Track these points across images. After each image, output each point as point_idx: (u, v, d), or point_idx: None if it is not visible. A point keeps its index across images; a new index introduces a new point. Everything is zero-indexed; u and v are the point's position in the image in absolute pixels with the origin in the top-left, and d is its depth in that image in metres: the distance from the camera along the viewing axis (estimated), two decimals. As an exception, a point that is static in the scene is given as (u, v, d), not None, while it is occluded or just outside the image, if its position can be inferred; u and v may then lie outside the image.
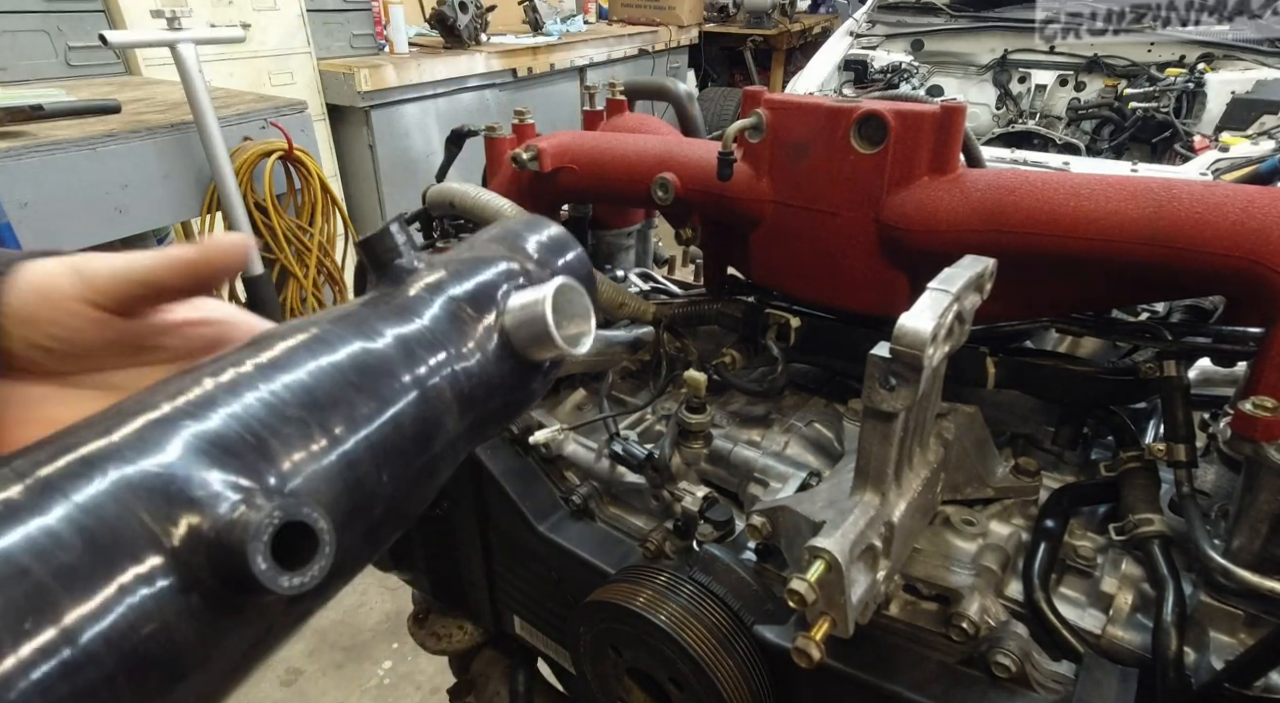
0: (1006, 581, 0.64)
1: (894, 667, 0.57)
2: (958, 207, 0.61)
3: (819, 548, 0.49)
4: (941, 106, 0.61)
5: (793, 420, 0.78)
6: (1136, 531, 0.61)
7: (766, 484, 0.73)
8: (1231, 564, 0.53)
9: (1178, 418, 0.62)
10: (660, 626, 0.61)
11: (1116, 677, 0.52)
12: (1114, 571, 0.62)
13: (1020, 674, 0.54)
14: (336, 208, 2.69)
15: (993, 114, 3.07)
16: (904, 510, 0.57)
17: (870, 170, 0.64)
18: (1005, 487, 0.71)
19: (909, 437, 0.56)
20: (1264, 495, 0.52)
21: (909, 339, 0.46)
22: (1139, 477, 0.65)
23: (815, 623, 0.50)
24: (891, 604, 0.63)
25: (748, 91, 0.71)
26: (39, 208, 1.80)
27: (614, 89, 0.99)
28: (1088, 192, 0.58)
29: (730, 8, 5.59)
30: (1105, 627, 0.59)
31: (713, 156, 0.73)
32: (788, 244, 0.73)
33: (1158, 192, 0.56)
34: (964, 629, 0.57)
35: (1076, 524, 0.67)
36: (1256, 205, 0.53)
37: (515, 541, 0.85)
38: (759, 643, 0.62)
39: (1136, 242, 0.56)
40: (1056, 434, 0.74)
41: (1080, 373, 0.69)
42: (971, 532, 0.67)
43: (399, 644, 2.21)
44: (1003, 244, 0.60)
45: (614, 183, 0.83)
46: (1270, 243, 0.51)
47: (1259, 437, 0.52)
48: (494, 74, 3.60)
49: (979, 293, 0.57)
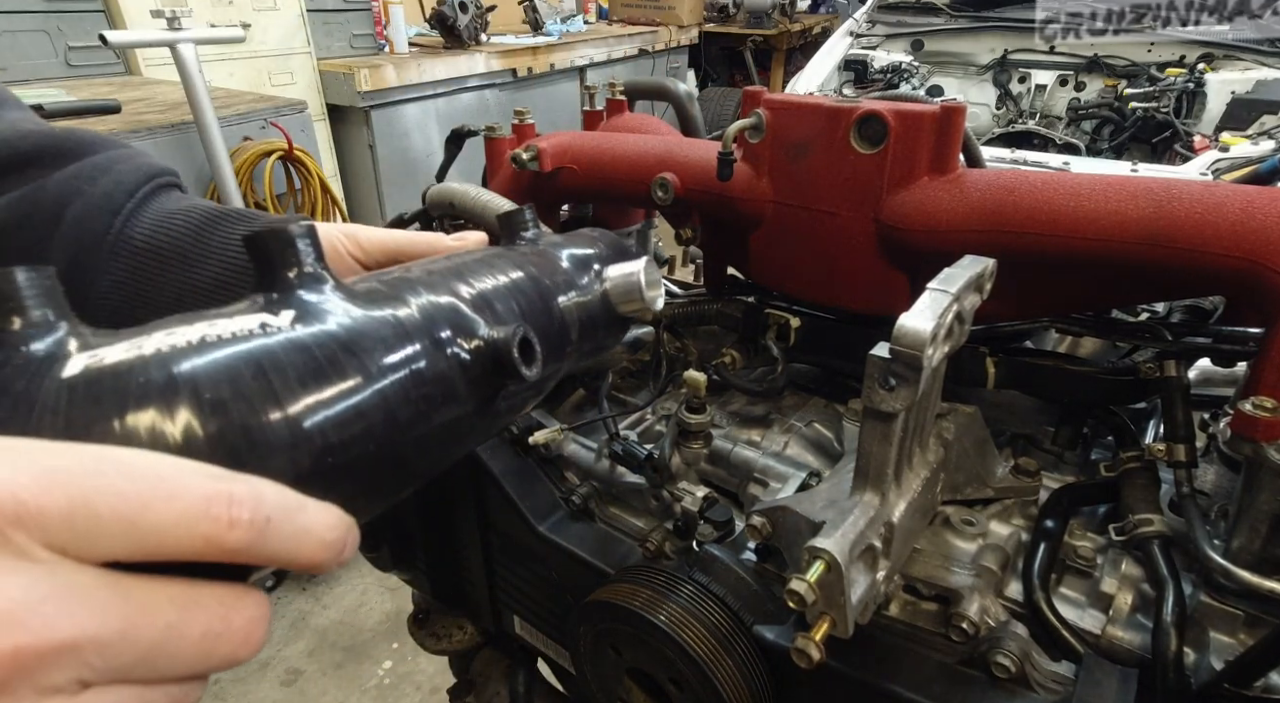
0: (1006, 581, 0.64)
1: (893, 667, 0.57)
2: (957, 206, 0.61)
3: (818, 548, 0.49)
4: (941, 106, 0.61)
5: (793, 420, 0.78)
6: (1136, 531, 0.61)
7: (766, 484, 0.73)
8: (1231, 565, 0.53)
9: (1177, 418, 0.62)
10: (659, 625, 0.61)
11: (1116, 677, 0.52)
12: (1114, 571, 0.62)
13: (1020, 675, 0.54)
14: (336, 208, 2.69)
15: (993, 114, 3.07)
16: (904, 511, 0.57)
17: (870, 170, 0.64)
18: (1005, 487, 0.71)
19: (909, 437, 0.56)
20: (1264, 496, 0.52)
21: (909, 339, 0.46)
22: (1139, 477, 0.65)
23: (815, 624, 0.50)
24: (891, 605, 0.63)
25: (747, 91, 0.71)
26: None
27: (614, 89, 0.99)
28: (1087, 192, 0.58)
29: (730, 8, 5.60)
30: (1105, 627, 0.59)
31: (712, 156, 0.73)
32: (788, 244, 0.73)
33: (1157, 192, 0.56)
34: (964, 630, 0.57)
35: (1076, 524, 0.67)
36: (1256, 206, 0.53)
37: (515, 540, 0.85)
38: (759, 643, 0.62)
39: (1136, 241, 0.56)
40: (1056, 434, 0.74)
41: (1080, 373, 0.69)
42: (971, 532, 0.67)
43: (399, 644, 2.21)
44: (1003, 244, 0.60)
45: (614, 183, 0.83)
46: (1270, 243, 0.51)
47: (1259, 437, 0.52)
48: (494, 74, 3.61)
49: (979, 293, 0.57)
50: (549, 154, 0.83)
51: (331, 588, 2.44)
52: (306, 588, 2.45)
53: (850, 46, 3.22)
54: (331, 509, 0.28)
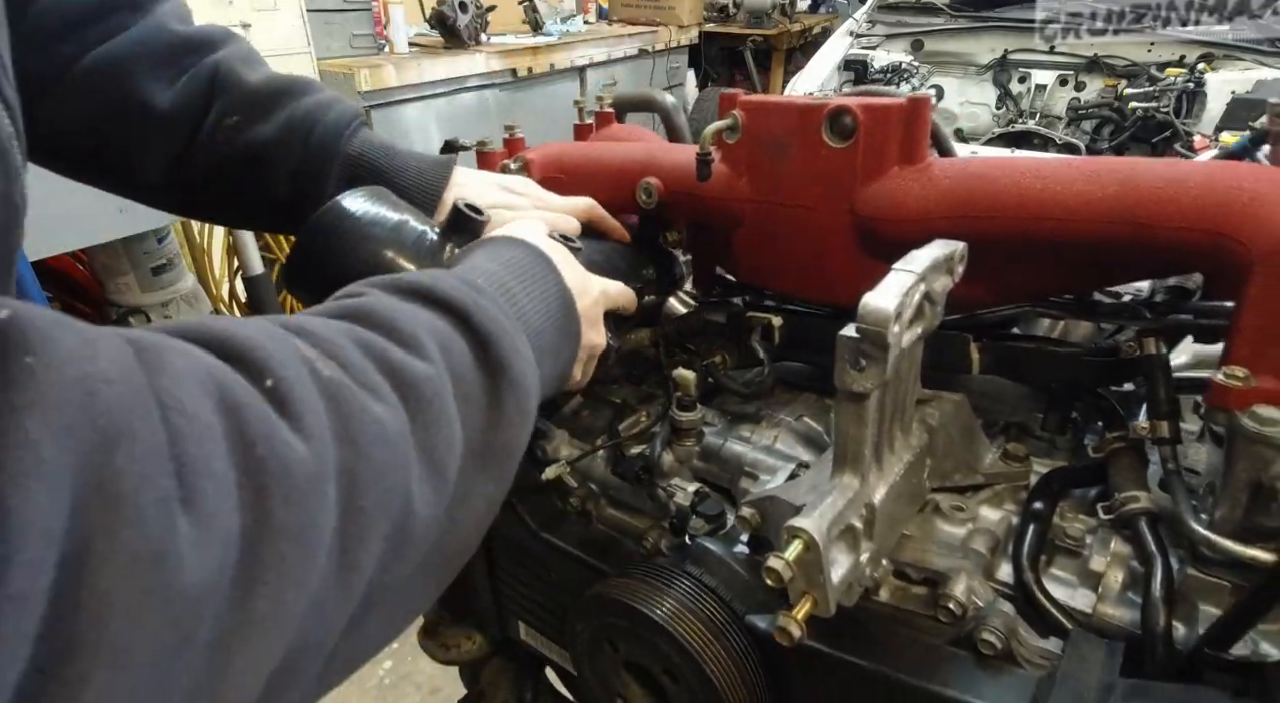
0: (997, 564, 0.65)
1: (883, 650, 0.58)
2: (928, 195, 0.63)
3: (795, 527, 0.50)
4: (908, 98, 0.63)
5: (782, 415, 0.79)
6: (1123, 508, 0.61)
7: (757, 477, 0.74)
8: (1215, 535, 0.54)
9: (1160, 395, 0.63)
10: (650, 617, 0.62)
11: (1103, 649, 0.52)
12: (1103, 549, 0.62)
13: (1006, 651, 0.54)
14: None
15: (993, 114, 3.07)
16: (886, 493, 0.58)
17: (843, 164, 0.66)
18: (995, 472, 0.71)
19: (886, 418, 0.57)
20: (1241, 464, 0.52)
21: (873, 317, 0.48)
22: (1125, 456, 0.65)
23: (797, 603, 0.51)
24: (882, 590, 0.64)
25: (724, 95, 0.73)
26: (40, 207, 1.79)
27: (602, 102, 1.02)
28: (1054, 175, 0.59)
29: (730, 8, 5.55)
30: (1096, 605, 0.59)
31: (694, 160, 0.75)
32: (769, 242, 0.75)
33: (1122, 171, 0.57)
34: (950, 610, 0.57)
35: (1067, 507, 0.67)
36: (1218, 180, 0.53)
37: (516, 545, 0.86)
38: (752, 633, 0.63)
39: (1103, 220, 0.57)
40: (1045, 420, 0.75)
41: (1063, 355, 0.70)
42: (961, 517, 0.68)
43: (399, 644, 2.21)
44: (973, 229, 0.61)
45: (601, 191, 0.85)
46: (1232, 215, 0.52)
47: (1232, 405, 0.52)
48: (494, 74, 3.57)
49: (949, 276, 0.58)
50: (537, 165, 0.86)
51: (332, 588, 2.43)
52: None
53: (850, 46, 3.22)
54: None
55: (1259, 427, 0.50)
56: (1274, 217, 0.50)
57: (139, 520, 0.24)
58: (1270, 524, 0.51)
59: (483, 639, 1.07)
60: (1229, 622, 0.46)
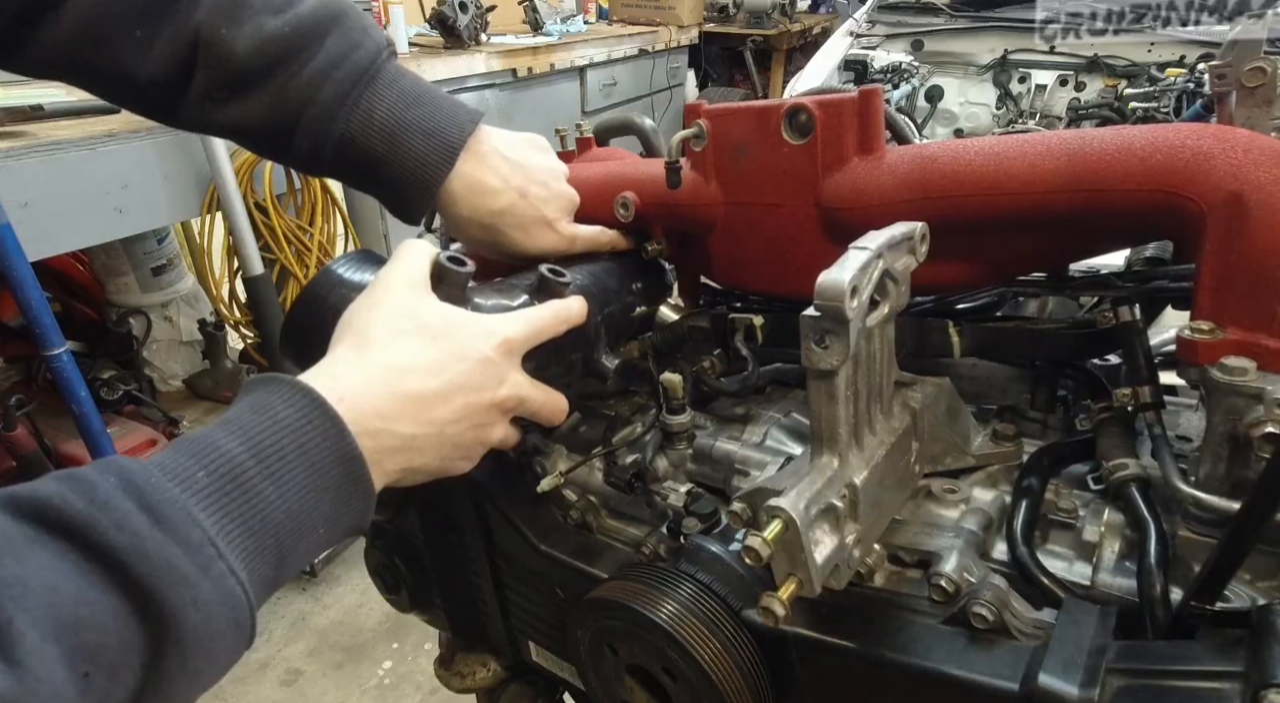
0: (992, 542, 0.64)
1: (877, 633, 0.57)
2: (886, 181, 0.64)
3: (773, 507, 0.50)
4: (859, 91, 0.65)
5: (771, 412, 0.80)
6: (1113, 476, 0.61)
7: (748, 474, 0.74)
8: (1201, 492, 0.53)
9: (1139, 360, 0.62)
10: (645, 614, 0.62)
11: (1095, 615, 0.51)
12: (1096, 520, 0.61)
13: (999, 624, 0.53)
14: (336, 208, 2.68)
15: (993, 114, 3.08)
16: (869, 475, 0.58)
17: (804, 159, 0.68)
18: (986, 454, 0.71)
19: (861, 398, 0.57)
20: (1217, 417, 0.52)
21: (829, 292, 0.49)
22: (1112, 425, 0.65)
23: (782, 584, 0.51)
24: (877, 575, 0.63)
25: (688, 106, 0.76)
26: (39, 208, 1.78)
27: (581, 129, 1.06)
28: (1005, 151, 0.60)
29: (730, 8, 5.57)
30: (1093, 576, 0.59)
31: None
32: (742, 242, 0.77)
33: (1070, 142, 0.58)
34: (943, 588, 0.57)
35: (1060, 484, 0.67)
36: (1162, 138, 0.54)
37: (520, 562, 0.87)
38: (748, 626, 0.62)
39: (1057, 190, 0.58)
40: (1034, 399, 0.75)
41: (1042, 331, 0.70)
42: (954, 499, 0.67)
43: (399, 644, 2.19)
44: (935, 210, 0.62)
45: (582, 209, 0.88)
46: (1178, 171, 0.53)
47: (1200, 360, 0.52)
48: (494, 74, 3.56)
49: (912, 254, 0.59)
50: (517, 189, 0.89)
51: (331, 588, 2.41)
52: (306, 589, 2.43)
53: (850, 46, 3.22)
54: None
55: (1228, 377, 0.50)
56: (1219, 169, 0.51)
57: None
58: (1251, 477, 0.51)
59: (497, 666, 1.07)
60: (1211, 572, 0.45)
